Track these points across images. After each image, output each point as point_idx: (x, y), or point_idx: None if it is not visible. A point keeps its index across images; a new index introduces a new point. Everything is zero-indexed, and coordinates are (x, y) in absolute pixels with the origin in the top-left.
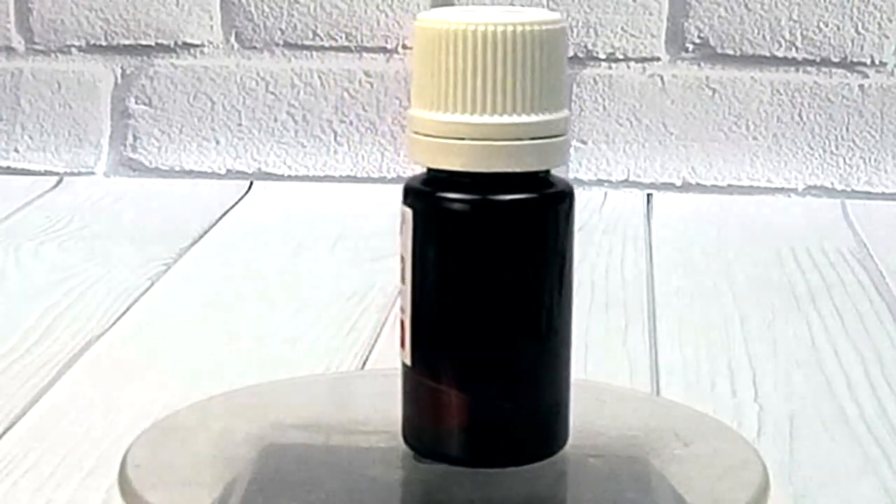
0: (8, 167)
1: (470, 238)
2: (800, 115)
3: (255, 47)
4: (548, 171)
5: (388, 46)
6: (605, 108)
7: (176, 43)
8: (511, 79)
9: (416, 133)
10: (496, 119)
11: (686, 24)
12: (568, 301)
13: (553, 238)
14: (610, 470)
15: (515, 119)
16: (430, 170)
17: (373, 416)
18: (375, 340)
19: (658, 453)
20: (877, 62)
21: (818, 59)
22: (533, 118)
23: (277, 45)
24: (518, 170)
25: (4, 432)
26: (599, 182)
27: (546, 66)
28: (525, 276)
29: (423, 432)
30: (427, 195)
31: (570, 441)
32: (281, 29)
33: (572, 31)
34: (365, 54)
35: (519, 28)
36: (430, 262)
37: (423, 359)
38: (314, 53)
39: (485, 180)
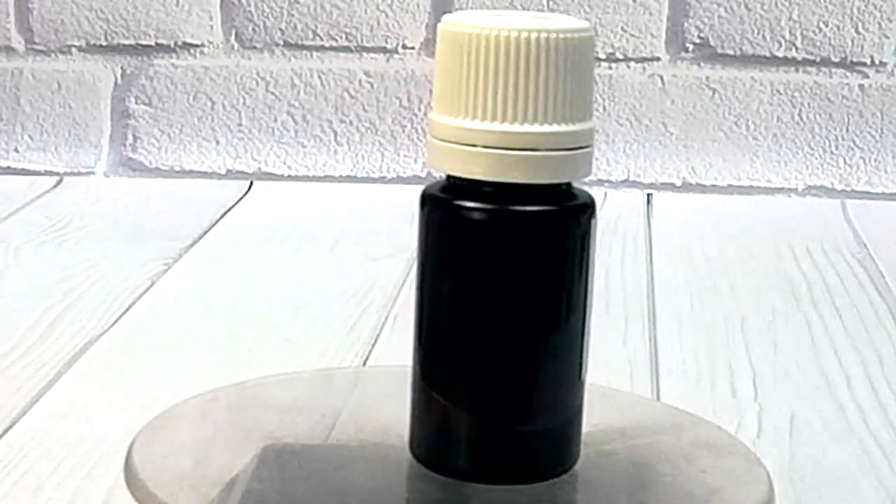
0: (8, 167)
1: (487, 249)
2: (800, 115)
3: (255, 47)
4: (570, 183)
5: (388, 46)
6: (605, 108)
7: (176, 43)
8: (537, 87)
9: (437, 139)
10: (519, 128)
11: (686, 24)
12: (586, 318)
13: (573, 252)
14: (617, 484)
15: (539, 128)
16: (449, 177)
17: (374, 413)
18: (375, 340)
19: (663, 466)
20: (877, 62)
21: (818, 59)
22: (558, 128)
23: (277, 45)
24: (540, 181)
25: (4, 432)
26: (599, 182)
27: (574, 75)
28: (542, 291)
29: (430, 444)
30: (444, 203)
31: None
32: (281, 29)
33: None
34: (365, 54)
35: (547, 35)
36: (444, 272)
37: (432, 371)
38: (314, 53)
39: (505, 190)
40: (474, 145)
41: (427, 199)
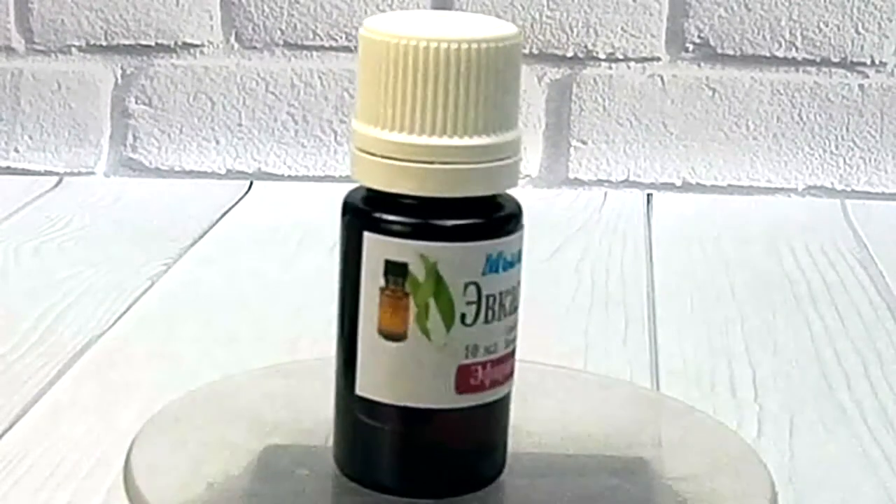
0: (8, 167)
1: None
2: (800, 115)
3: (255, 47)
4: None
5: None
6: (605, 108)
7: (176, 43)
8: (459, 98)
9: (357, 149)
10: (439, 141)
11: (686, 24)
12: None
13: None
14: (552, 491)
15: (460, 141)
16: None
17: None
18: None
19: (660, 467)
20: (877, 62)
21: (818, 59)
22: (481, 140)
23: (277, 45)
24: (464, 195)
25: (4, 432)
26: (599, 182)
27: (497, 85)
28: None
29: (353, 457)
30: (364, 214)
31: (568, 447)
32: (281, 29)
33: (572, 31)
34: None
35: (468, 45)
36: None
37: (355, 388)
38: (314, 53)
39: (427, 202)
40: (393, 158)
41: (347, 208)
